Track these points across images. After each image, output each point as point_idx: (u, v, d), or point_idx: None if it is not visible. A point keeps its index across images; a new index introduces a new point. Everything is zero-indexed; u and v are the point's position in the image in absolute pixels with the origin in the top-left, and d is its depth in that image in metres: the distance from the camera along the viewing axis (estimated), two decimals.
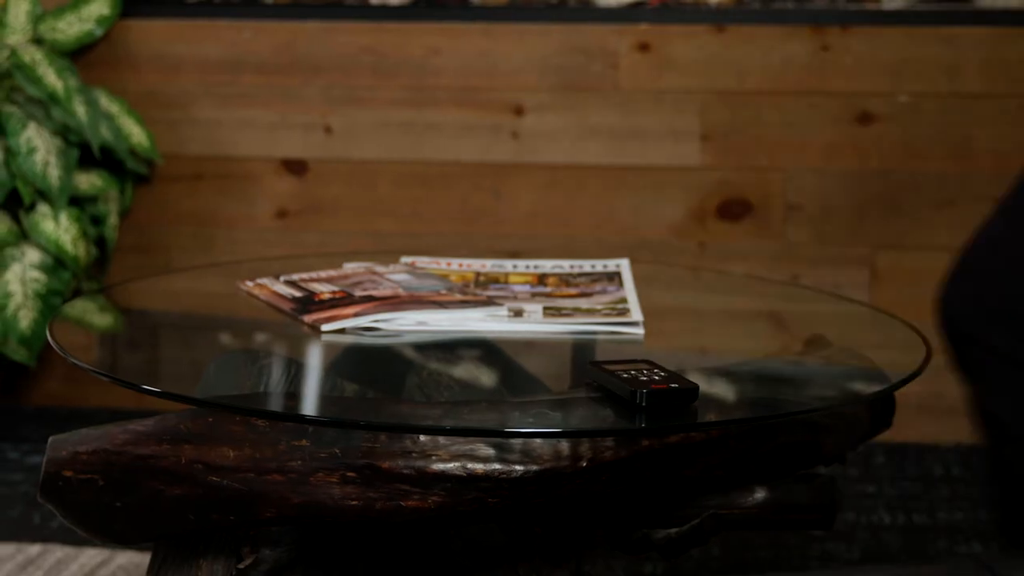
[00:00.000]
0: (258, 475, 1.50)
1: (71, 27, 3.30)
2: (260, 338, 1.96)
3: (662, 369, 1.56)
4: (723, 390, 1.90)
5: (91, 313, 2.16)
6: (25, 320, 3.09)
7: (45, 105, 3.13)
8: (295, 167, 3.44)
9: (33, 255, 3.12)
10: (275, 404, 1.62)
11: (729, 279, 2.92)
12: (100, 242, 3.31)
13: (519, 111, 3.34)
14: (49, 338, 1.75)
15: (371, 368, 1.80)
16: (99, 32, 3.33)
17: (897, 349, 1.86)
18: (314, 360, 1.79)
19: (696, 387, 1.50)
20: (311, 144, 3.42)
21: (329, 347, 1.80)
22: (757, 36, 3.25)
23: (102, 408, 3.54)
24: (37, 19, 3.26)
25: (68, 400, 3.57)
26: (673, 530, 1.71)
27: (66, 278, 3.14)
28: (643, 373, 1.54)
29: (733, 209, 3.30)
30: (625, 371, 1.55)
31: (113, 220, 3.29)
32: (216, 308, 2.18)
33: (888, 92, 3.21)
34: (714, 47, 3.26)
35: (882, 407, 1.84)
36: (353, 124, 3.40)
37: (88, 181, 3.22)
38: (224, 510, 1.52)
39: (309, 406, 1.67)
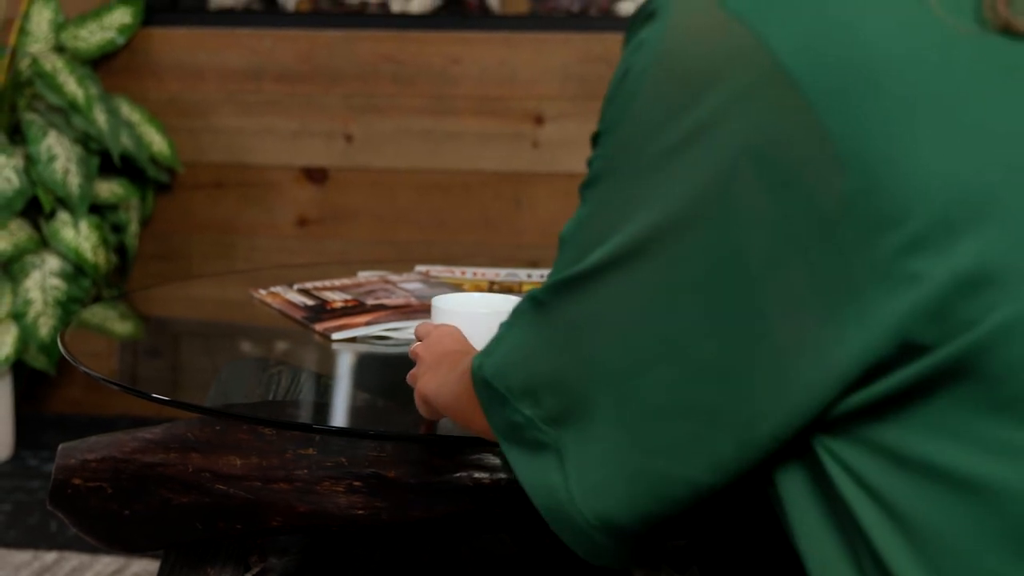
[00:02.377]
0: (265, 484, 1.50)
1: (93, 35, 3.31)
2: (271, 346, 1.96)
3: None
4: None
5: (110, 320, 2.17)
6: (45, 328, 3.10)
7: (66, 113, 3.14)
8: (316, 175, 3.44)
9: (53, 263, 3.13)
10: (282, 413, 1.62)
11: None
12: (121, 250, 3.32)
13: (539, 120, 3.34)
14: (60, 346, 1.75)
15: (381, 377, 1.80)
16: (121, 40, 3.34)
17: None
18: (324, 368, 1.79)
19: None
20: (332, 152, 3.42)
21: (340, 355, 1.80)
22: None
23: (123, 416, 3.54)
24: (59, 27, 3.28)
25: (88, 408, 3.58)
26: (684, 541, 1.70)
27: (86, 286, 3.15)
28: None
29: None
30: None
31: (134, 228, 3.30)
32: (230, 316, 2.18)
33: None
34: None
35: None
36: (373, 133, 3.40)
37: (109, 189, 3.23)
38: (231, 518, 1.52)
39: (315, 415, 1.67)
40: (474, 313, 1.58)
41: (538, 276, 2.22)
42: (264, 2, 3.62)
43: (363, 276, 2.16)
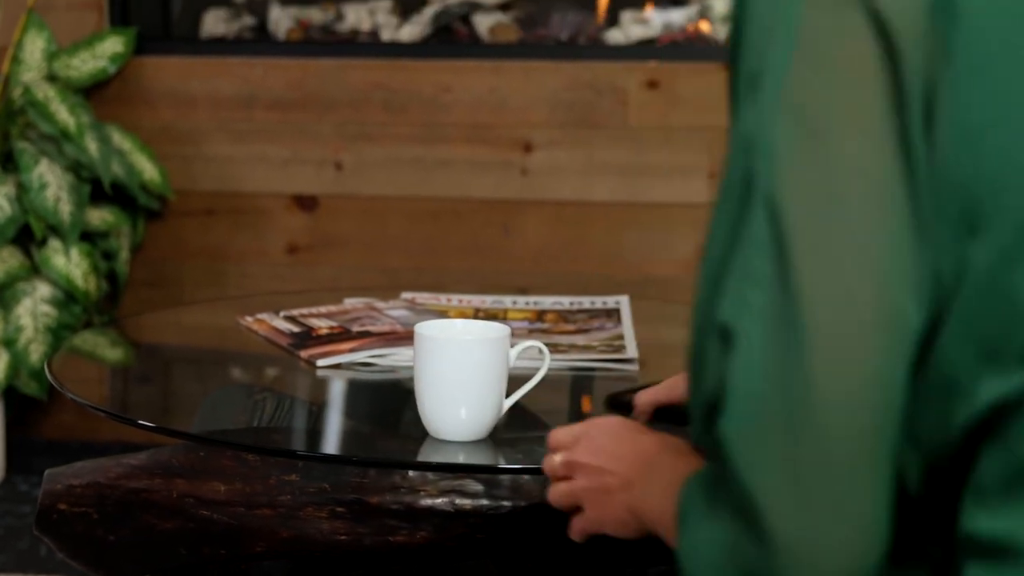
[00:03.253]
0: (248, 509, 1.52)
1: (85, 64, 3.33)
2: (257, 373, 1.97)
3: None
4: None
5: (100, 347, 2.18)
6: (36, 354, 3.11)
7: (57, 141, 3.16)
8: (306, 203, 3.46)
9: (44, 289, 3.15)
10: (266, 439, 1.64)
11: None
12: (112, 277, 3.34)
13: (529, 148, 3.36)
14: (47, 372, 1.77)
15: (365, 404, 1.81)
16: (113, 69, 3.36)
17: None
18: (308, 395, 1.81)
19: None
20: (322, 180, 3.44)
21: (324, 382, 1.81)
22: None
23: (114, 442, 3.55)
24: (52, 56, 3.30)
25: (80, 433, 3.59)
26: (665, 567, 1.71)
27: (77, 312, 3.17)
28: None
29: None
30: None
31: (124, 255, 3.32)
32: (218, 343, 2.19)
33: None
34: (722, 84, 3.27)
35: None
36: (364, 160, 3.42)
37: (100, 216, 3.25)
38: (215, 544, 1.53)
39: (299, 441, 1.68)
40: (457, 340, 1.60)
41: (523, 303, 2.24)
42: (255, 31, 3.65)
43: (349, 303, 2.17)
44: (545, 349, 1.66)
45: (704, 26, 3.49)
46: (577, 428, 1.28)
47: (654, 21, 3.46)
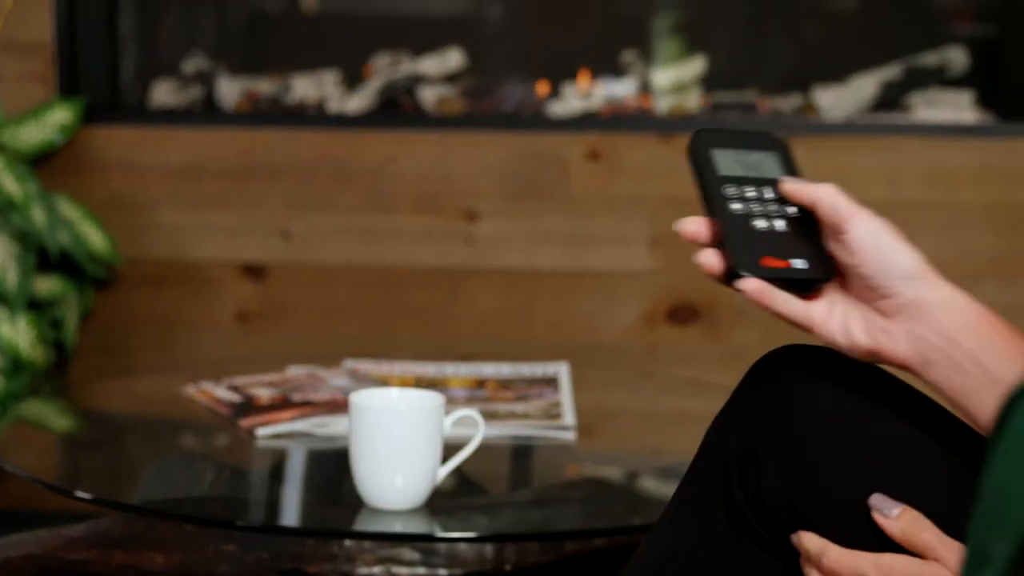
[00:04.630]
0: None
1: (33, 134, 3.36)
2: (198, 442, 2.00)
3: None
4: (658, 492, 1.94)
5: (48, 416, 2.20)
6: None
7: (3, 211, 3.19)
8: (255, 271, 3.49)
9: None
10: (204, 509, 1.66)
11: (679, 382, 2.97)
12: (60, 345, 3.35)
13: (474, 217, 3.40)
14: None
15: (304, 472, 1.84)
16: (61, 139, 3.39)
17: None
18: (246, 465, 1.83)
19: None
20: (271, 249, 3.47)
21: (263, 452, 1.84)
22: None
23: (63, 511, 3.55)
24: None
25: (30, 502, 3.59)
26: None
27: (24, 382, 3.18)
28: None
29: (681, 314, 3.36)
30: None
31: (72, 324, 3.33)
32: (162, 411, 2.22)
33: None
34: (662, 155, 3.33)
35: None
36: (312, 229, 3.45)
37: (47, 286, 3.27)
38: None
39: (237, 511, 1.70)
40: (391, 409, 1.63)
41: (465, 371, 2.27)
42: (204, 102, 3.68)
43: (292, 372, 2.20)
44: (479, 418, 1.69)
45: (645, 99, 3.55)
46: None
47: (596, 94, 3.52)
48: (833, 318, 1.13)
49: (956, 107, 3.39)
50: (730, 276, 1.10)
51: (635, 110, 3.52)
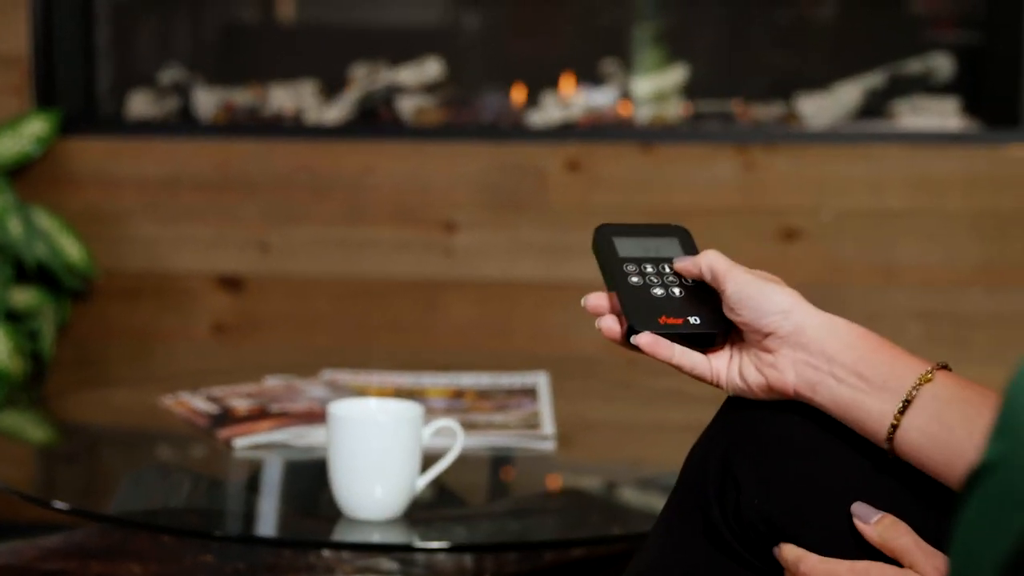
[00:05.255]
0: None
1: (9, 146, 3.34)
2: (175, 453, 1.98)
3: None
4: (636, 502, 1.94)
5: (25, 427, 2.19)
6: None
7: None
8: (232, 283, 3.47)
9: None
10: (181, 520, 1.65)
11: (657, 393, 2.96)
12: (37, 356, 3.33)
13: (452, 228, 3.39)
14: None
15: (281, 483, 1.83)
16: (37, 151, 3.37)
17: None
18: (223, 475, 1.82)
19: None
20: (248, 260, 3.46)
21: (241, 462, 1.83)
22: (683, 155, 3.32)
23: (39, 523, 3.53)
24: None
25: (6, 514, 3.56)
26: None
27: (1, 393, 3.16)
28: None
29: None
30: None
31: (49, 335, 3.32)
32: (139, 423, 2.20)
33: (812, 209, 3.29)
34: (641, 166, 3.33)
35: None
36: (290, 241, 3.44)
37: (24, 297, 3.25)
38: None
39: (214, 522, 1.69)
40: (370, 419, 1.62)
41: (443, 381, 2.26)
42: (181, 113, 3.67)
43: (269, 382, 2.19)
44: (458, 428, 1.68)
45: (625, 107, 3.55)
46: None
47: (575, 104, 3.51)
48: (732, 368, 1.20)
49: (941, 114, 3.39)
50: (628, 334, 1.21)
51: (615, 119, 3.52)
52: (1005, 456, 0.74)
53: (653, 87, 3.58)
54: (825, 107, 3.44)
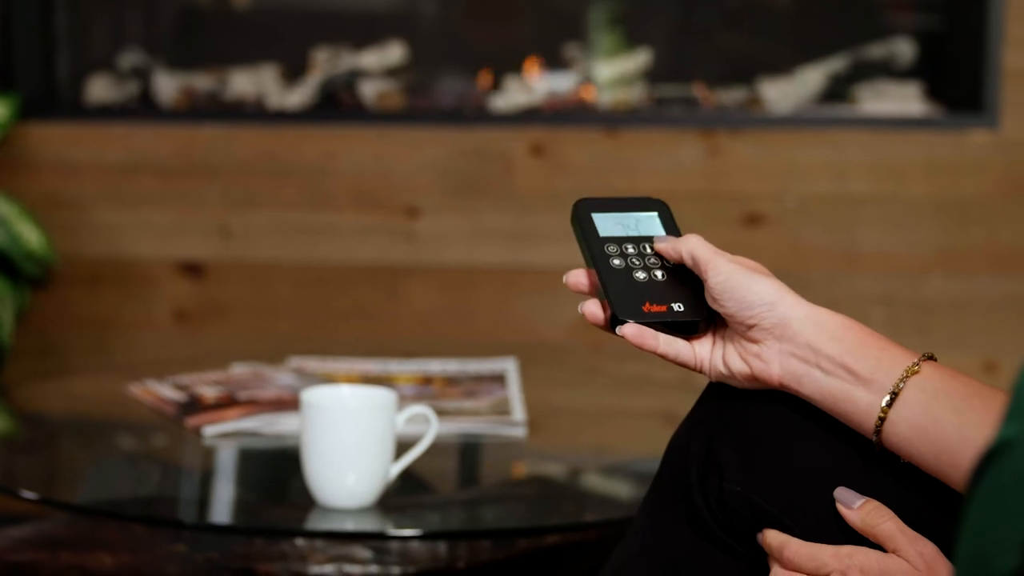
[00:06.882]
0: None
1: None
2: (143, 442, 1.96)
3: None
4: (607, 489, 1.93)
5: None
6: None
7: None
8: (193, 269, 3.45)
9: None
10: (152, 509, 1.63)
11: (623, 379, 2.96)
12: None
13: (415, 213, 3.38)
14: None
15: (252, 471, 1.81)
16: None
17: None
18: (194, 464, 1.81)
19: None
20: (209, 246, 3.44)
21: (210, 450, 1.81)
22: (647, 140, 3.32)
23: (3, 512, 3.50)
24: None
25: None
26: None
27: None
28: None
29: None
30: None
31: (7, 323, 3.28)
32: (104, 412, 2.18)
33: (776, 195, 3.29)
34: (606, 151, 3.32)
35: None
36: (251, 226, 3.42)
37: None
38: None
39: (186, 511, 1.68)
40: (343, 406, 1.61)
41: (411, 368, 2.25)
42: (141, 98, 3.64)
43: (237, 370, 2.17)
44: (432, 414, 1.67)
45: (587, 92, 3.54)
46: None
47: (538, 88, 3.50)
48: (715, 355, 1.20)
49: (903, 99, 3.40)
50: (613, 323, 1.20)
51: (578, 104, 3.51)
52: (1021, 436, 0.74)
53: (615, 72, 3.57)
54: (788, 92, 3.44)
